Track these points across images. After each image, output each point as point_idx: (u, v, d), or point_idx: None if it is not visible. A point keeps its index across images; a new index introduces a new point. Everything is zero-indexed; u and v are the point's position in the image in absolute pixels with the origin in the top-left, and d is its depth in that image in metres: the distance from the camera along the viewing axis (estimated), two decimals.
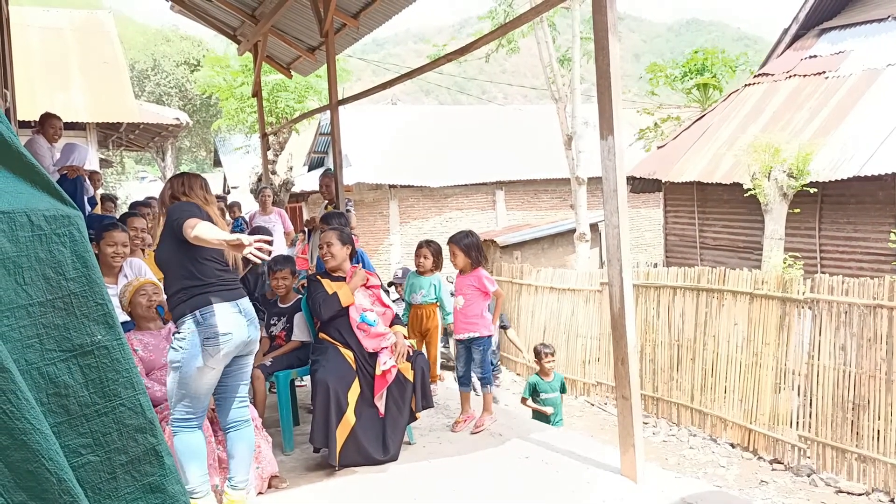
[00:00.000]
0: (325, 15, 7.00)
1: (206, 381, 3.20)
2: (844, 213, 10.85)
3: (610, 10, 3.65)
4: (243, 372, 3.42)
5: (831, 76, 12.20)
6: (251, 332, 3.32)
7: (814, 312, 7.13)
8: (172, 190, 3.43)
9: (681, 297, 8.64)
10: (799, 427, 7.21)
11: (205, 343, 3.10)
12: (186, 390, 3.17)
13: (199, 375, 3.14)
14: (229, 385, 3.38)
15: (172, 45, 31.24)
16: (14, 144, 1.16)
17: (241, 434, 3.42)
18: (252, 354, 3.45)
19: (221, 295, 3.22)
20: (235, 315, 3.23)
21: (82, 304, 1.18)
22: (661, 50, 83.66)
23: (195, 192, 3.41)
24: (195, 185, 3.45)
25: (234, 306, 3.24)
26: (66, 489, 1.01)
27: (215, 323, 3.13)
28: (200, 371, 3.13)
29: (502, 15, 15.82)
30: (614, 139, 3.66)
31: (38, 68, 14.24)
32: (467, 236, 4.77)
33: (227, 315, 3.18)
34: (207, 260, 3.22)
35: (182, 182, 3.45)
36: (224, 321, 3.16)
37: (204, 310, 3.14)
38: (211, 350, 3.12)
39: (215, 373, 3.21)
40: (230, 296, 3.25)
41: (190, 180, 3.47)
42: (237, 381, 3.40)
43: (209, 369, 3.15)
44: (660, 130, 17.27)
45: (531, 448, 4.30)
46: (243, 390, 3.47)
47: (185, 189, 3.40)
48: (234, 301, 3.26)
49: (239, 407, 3.43)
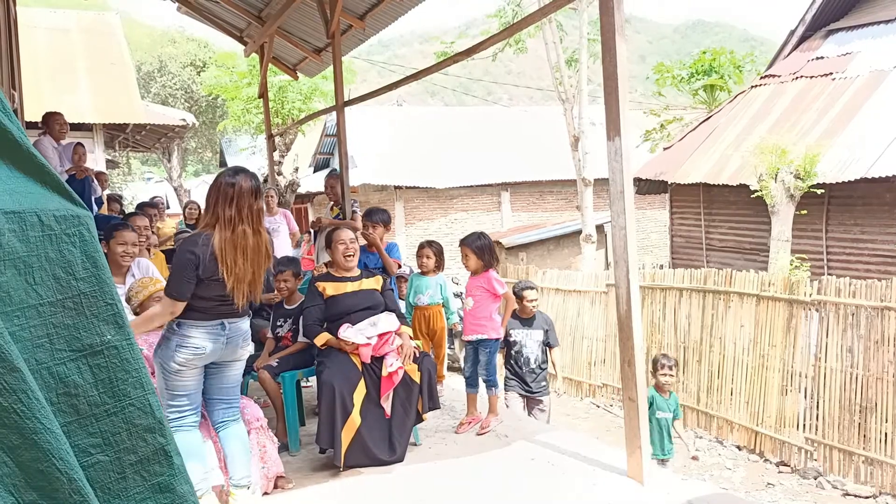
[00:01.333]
0: (331, 16, 7.00)
1: (188, 377, 3.19)
2: (851, 214, 10.81)
3: (617, 12, 3.64)
4: (226, 376, 3.38)
5: (838, 77, 12.16)
6: (230, 346, 3.24)
7: (821, 314, 7.11)
8: (217, 195, 3.08)
9: (687, 299, 8.62)
10: (806, 429, 7.18)
11: (177, 349, 3.11)
12: (170, 389, 3.18)
13: (178, 375, 3.15)
14: (211, 386, 3.37)
15: (178, 46, 31.35)
16: (24, 144, 1.16)
17: (230, 432, 3.41)
18: (236, 363, 3.40)
19: (207, 316, 3.14)
20: (215, 332, 3.17)
21: (92, 304, 1.18)
22: (667, 51, 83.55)
23: (242, 203, 3.06)
24: (244, 193, 3.07)
25: (218, 325, 3.16)
26: (76, 489, 1.01)
27: (190, 334, 3.11)
28: (179, 372, 3.14)
29: (510, 14, 15.81)
30: (621, 140, 3.66)
31: (46, 69, 14.29)
32: (479, 238, 4.79)
33: (203, 332, 3.14)
34: (203, 298, 3.11)
35: (233, 196, 3.05)
36: (199, 336, 3.13)
37: (181, 321, 3.12)
38: (181, 357, 3.11)
39: (195, 371, 3.19)
40: (217, 317, 3.17)
41: (242, 186, 3.07)
42: (218, 384, 3.37)
43: (186, 370, 3.15)
44: (666, 132, 17.22)
45: (537, 450, 4.29)
46: (228, 393, 3.44)
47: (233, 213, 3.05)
48: (220, 321, 3.17)
49: (225, 408, 3.43)
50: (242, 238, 3.06)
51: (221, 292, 3.09)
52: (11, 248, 1.09)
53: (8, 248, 1.08)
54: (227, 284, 3.04)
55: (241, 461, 3.42)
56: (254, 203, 3.09)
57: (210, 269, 3.02)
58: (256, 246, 3.12)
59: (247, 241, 3.07)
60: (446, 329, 5.51)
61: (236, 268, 3.04)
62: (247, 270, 3.08)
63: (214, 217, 3.08)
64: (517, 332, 5.89)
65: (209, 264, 3.02)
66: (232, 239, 3.04)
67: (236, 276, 3.05)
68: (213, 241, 3.03)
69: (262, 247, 3.16)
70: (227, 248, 3.02)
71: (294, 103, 15.41)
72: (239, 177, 3.11)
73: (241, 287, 3.09)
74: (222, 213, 3.04)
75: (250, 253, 3.09)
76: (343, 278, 4.46)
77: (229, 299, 3.12)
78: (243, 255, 3.06)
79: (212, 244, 3.03)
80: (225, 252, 3.02)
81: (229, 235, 3.04)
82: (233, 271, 3.03)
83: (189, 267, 3.00)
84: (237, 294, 3.09)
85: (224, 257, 3.02)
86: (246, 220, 3.07)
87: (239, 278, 3.06)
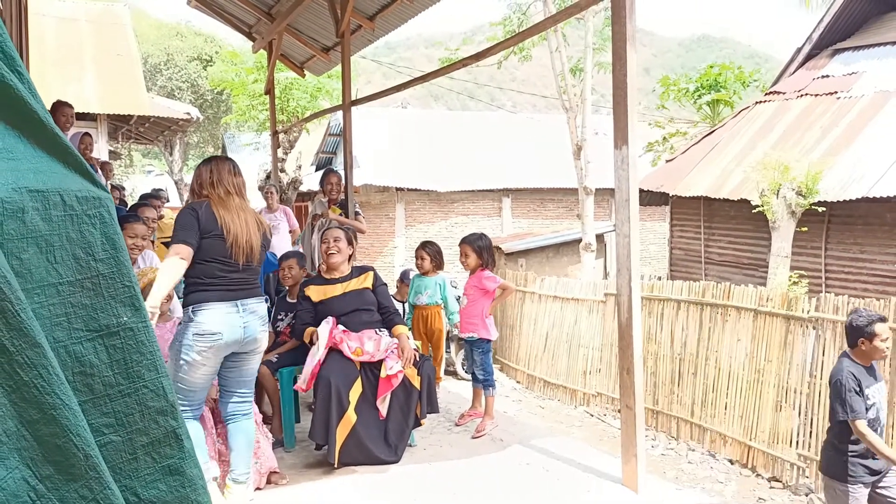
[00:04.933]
0: (341, 15, 7.03)
1: (199, 376, 3.21)
2: (851, 233, 10.84)
3: (629, 22, 3.67)
4: (243, 368, 3.41)
5: (843, 97, 12.21)
6: (249, 332, 3.29)
7: (818, 332, 7.12)
8: (201, 179, 3.39)
9: (684, 311, 8.63)
10: (799, 446, 7.19)
11: (195, 338, 3.13)
12: (182, 381, 3.20)
13: (190, 370, 3.17)
14: (229, 378, 3.39)
15: (186, 40, 31.41)
16: (49, 125, 1.18)
17: (239, 426, 3.42)
18: (255, 353, 3.42)
19: (219, 294, 3.21)
20: (231, 315, 3.22)
21: (110, 285, 1.19)
22: (672, 65, 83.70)
23: (224, 179, 3.36)
24: (223, 172, 3.39)
25: (232, 306, 3.23)
26: (92, 465, 1.02)
27: (205, 321, 3.15)
28: (191, 366, 3.16)
29: (516, 22, 15.85)
30: (628, 149, 3.68)
31: (53, 58, 14.31)
32: (480, 238, 4.91)
33: (219, 315, 3.18)
34: (207, 261, 3.22)
35: (211, 170, 3.39)
36: (215, 321, 3.16)
37: (196, 307, 3.18)
38: (198, 347, 3.14)
39: (207, 368, 3.22)
40: (230, 296, 3.24)
41: (219, 167, 3.41)
42: (237, 376, 3.40)
43: (200, 365, 3.17)
44: (668, 144, 17.26)
45: (532, 455, 4.30)
46: (245, 385, 3.46)
47: (214, 179, 3.35)
48: (234, 301, 3.24)
49: (239, 402, 3.44)
50: (233, 202, 3.35)
51: (223, 253, 3.23)
52: (34, 227, 1.10)
53: (31, 226, 1.10)
54: (226, 240, 3.22)
55: (244, 457, 3.43)
56: (233, 179, 3.40)
57: (209, 226, 3.21)
58: (247, 207, 3.42)
59: (238, 204, 3.36)
60: (444, 330, 5.55)
61: (233, 224, 3.26)
62: (242, 227, 3.29)
63: (200, 188, 3.38)
64: (871, 389, 3.75)
65: (208, 221, 3.22)
66: (224, 203, 3.32)
67: (234, 233, 3.26)
68: (208, 205, 3.29)
69: (252, 211, 3.43)
70: (221, 209, 3.29)
71: (299, 101, 15.43)
72: (214, 160, 3.48)
73: (239, 243, 3.27)
74: (212, 191, 3.34)
75: (242, 213, 3.34)
76: (331, 280, 4.42)
77: (233, 263, 3.25)
78: (237, 213, 3.32)
79: (207, 206, 3.29)
80: (219, 211, 3.28)
81: (221, 202, 3.32)
82: (230, 227, 3.24)
83: (190, 218, 3.21)
84: (236, 250, 3.25)
85: (220, 213, 3.27)
86: (233, 192, 3.37)
87: (236, 236, 3.27)
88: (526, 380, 11.27)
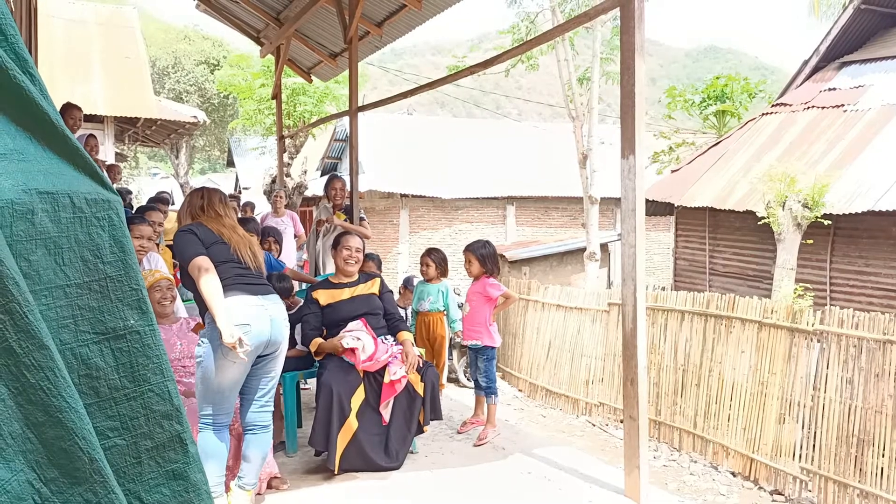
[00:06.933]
0: (350, 22, 7.04)
1: (229, 377, 3.17)
2: (857, 246, 10.81)
3: (638, 32, 3.68)
4: (266, 373, 3.39)
5: (850, 109, 12.19)
6: (275, 331, 3.29)
7: (822, 345, 7.09)
8: (192, 206, 3.51)
9: (688, 322, 8.61)
10: (802, 459, 7.15)
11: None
12: (209, 386, 3.16)
13: (220, 370, 3.12)
14: (251, 385, 3.37)
15: (193, 44, 31.54)
16: (60, 126, 1.18)
17: (257, 438, 3.40)
18: (277, 358, 3.41)
19: (242, 288, 3.24)
20: (257, 308, 3.22)
21: (117, 288, 1.19)
22: (678, 75, 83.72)
23: (214, 204, 3.50)
24: (214, 200, 3.53)
25: (258, 299, 3.26)
26: (97, 469, 1.01)
27: (233, 312, 3.12)
28: (221, 366, 3.11)
29: (524, 30, 15.88)
30: (635, 158, 3.67)
31: (61, 59, 14.38)
32: (484, 246, 4.92)
33: (246, 307, 3.18)
34: (222, 263, 3.25)
35: (202, 196, 3.54)
36: (242, 311, 3.15)
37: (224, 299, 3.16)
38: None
39: (237, 367, 3.17)
40: (253, 290, 3.28)
41: (210, 194, 3.57)
42: (258, 382, 3.37)
43: (230, 363, 3.12)
44: (674, 154, 17.25)
45: (534, 464, 4.28)
46: (266, 394, 3.43)
47: (205, 203, 3.49)
48: (258, 295, 3.28)
49: (259, 411, 3.41)
50: (226, 222, 3.48)
51: (232, 256, 3.32)
52: (43, 228, 1.10)
53: (40, 228, 1.09)
54: (229, 246, 3.34)
55: (255, 468, 3.41)
56: (223, 206, 3.55)
57: (209, 237, 3.31)
58: (240, 229, 3.55)
59: (231, 224, 3.49)
60: (447, 337, 5.55)
61: (231, 239, 3.39)
62: (239, 239, 3.41)
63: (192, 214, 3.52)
64: None
65: (206, 235, 3.32)
66: (217, 221, 3.45)
67: (234, 242, 3.39)
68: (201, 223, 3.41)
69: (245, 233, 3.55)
70: (215, 225, 3.42)
71: (306, 106, 15.47)
72: (204, 188, 3.63)
73: (242, 248, 3.38)
74: (201, 214, 3.48)
75: (236, 232, 3.46)
76: (339, 284, 4.44)
77: (243, 264, 3.35)
78: (231, 231, 3.44)
79: (201, 224, 3.40)
80: (214, 226, 3.41)
81: (213, 221, 3.45)
82: (230, 238, 3.38)
83: (189, 236, 3.28)
84: (242, 253, 3.36)
85: (215, 227, 3.40)
86: (224, 215, 3.50)
87: (237, 245, 3.39)
88: (528, 388, 11.24)
